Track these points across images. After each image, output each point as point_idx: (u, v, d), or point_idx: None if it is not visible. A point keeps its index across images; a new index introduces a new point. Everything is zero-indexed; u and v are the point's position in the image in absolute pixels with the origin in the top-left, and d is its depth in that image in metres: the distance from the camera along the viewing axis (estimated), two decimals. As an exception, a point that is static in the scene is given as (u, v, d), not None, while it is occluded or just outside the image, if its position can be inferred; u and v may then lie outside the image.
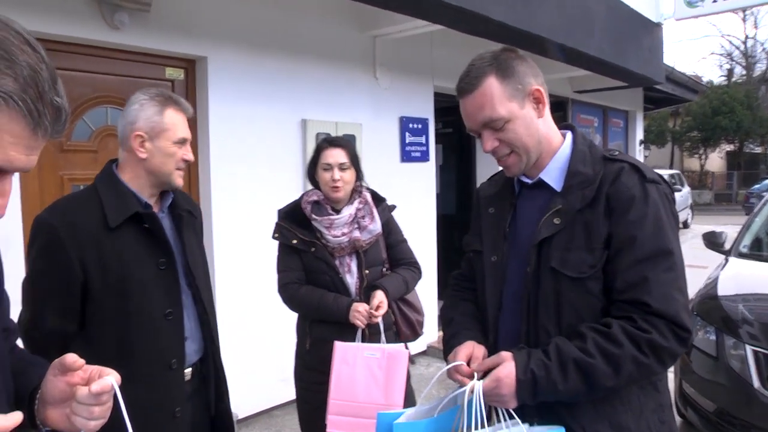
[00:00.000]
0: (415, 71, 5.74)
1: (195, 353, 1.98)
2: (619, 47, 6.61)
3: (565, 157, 1.58)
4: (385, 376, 2.44)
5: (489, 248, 1.67)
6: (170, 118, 1.87)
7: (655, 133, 28.25)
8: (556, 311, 1.49)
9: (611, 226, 1.45)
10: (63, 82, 3.00)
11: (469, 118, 1.56)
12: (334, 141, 2.68)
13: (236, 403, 4.20)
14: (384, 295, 2.55)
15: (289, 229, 2.63)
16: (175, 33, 3.87)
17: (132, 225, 1.82)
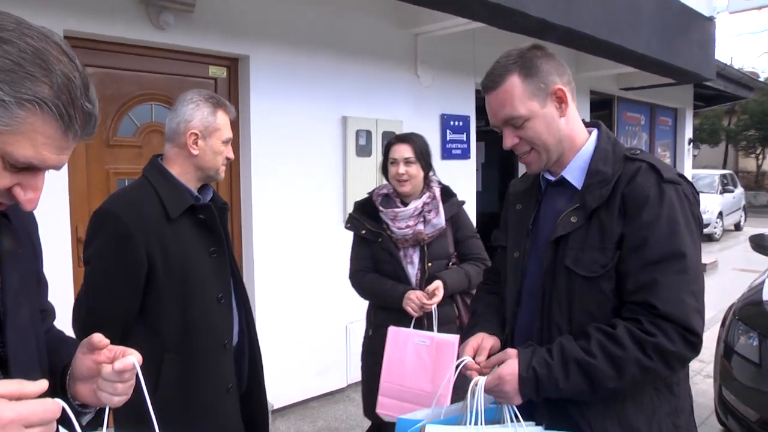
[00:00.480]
0: (457, 68, 5.73)
1: (237, 335, 2.13)
2: (668, 42, 6.45)
3: (587, 155, 1.57)
4: (433, 364, 2.51)
5: (512, 244, 1.70)
6: (221, 119, 2.04)
7: (707, 132, 27.36)
8: (568, 309, 1.50)
9: (624, 226, 1.45)
10: (110, 81, 3.15)
11: (492, 115, 1.58)
12: (401, 137, 2.82)
13: (273, 393, 4.29)
14: (441, 285, 2.63)
15: (359, 220, 2.80)
16: (218, 32, 3.97)
17: (187, 216, 1.97)
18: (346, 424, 4.29)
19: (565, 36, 5.17)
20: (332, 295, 4.68)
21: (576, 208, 1.51)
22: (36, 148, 0.89)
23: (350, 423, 4.31)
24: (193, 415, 1.93)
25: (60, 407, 0.86)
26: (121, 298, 1.90)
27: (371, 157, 4.87)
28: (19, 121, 0.87)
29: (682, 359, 1.41)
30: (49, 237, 2.19)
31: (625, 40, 5.64)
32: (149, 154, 2.18)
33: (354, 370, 4.87)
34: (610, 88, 8.33)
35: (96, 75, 3.66)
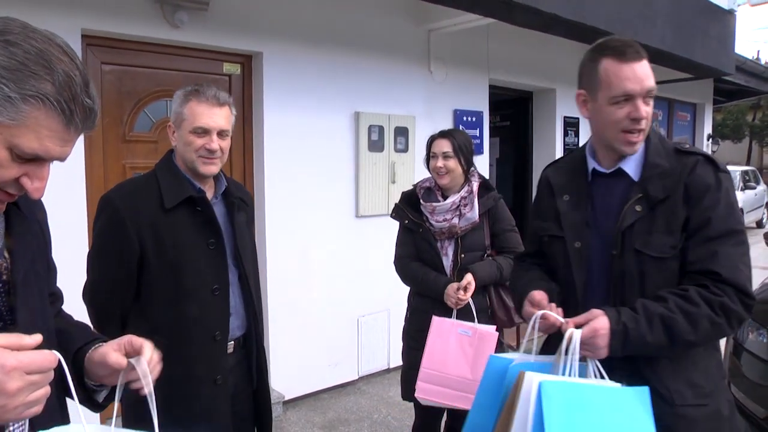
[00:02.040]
0: (471, 64, 5.74)
1: (238, 328, 2.13)
2: (684, 37, 6.40)
3: (641, 148, 1.74)
4: (475, 353, 2.68)
5: (571, 235, 1.80)
6: (190, 109, 2.00)
7: (730, 127, 26.98)
8: (640, 288, 1.66)
9: (689, 210, 1.64)
10: (127, 78, 3.23)
11: (638, 81, 1.65)
12: (443, 132, 2.93)
13: (284, 384, 4.40)
14: (472, 278, 2.74)
15: (403, 210, 2.96)
16: (232, 30, 4.04)
17: (186, 207, 2.00)
18: (357, 416, 4.36)
19: (578, 31, 5.16)
20: (344, 289, 4.75)
21: (639, 198, 1.68)
22: (41, 140, 0.97)
23: (360, 415, 4.38)
24: (175, 403, 1.96)
25: (57, 358, 0.95)
26: (116, 279, 1.99)
27: (383, 152, 4.91)
28: (24, 116, 0.94)
29: (741, 318, 1.60)
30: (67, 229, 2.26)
31: (639, 35, 5.60)
32: (164, 150, 2.24)
33: (365, 362, 4.95)
34: (627, 83, 8.26)
35: (113, 72, 3.76)
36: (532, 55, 6.43)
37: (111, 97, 3.77)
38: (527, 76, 6.53)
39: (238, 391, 2.16)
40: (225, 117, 2.04)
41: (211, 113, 2.00)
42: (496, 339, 2.72)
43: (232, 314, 2.09)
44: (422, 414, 3.01)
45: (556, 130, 7.01)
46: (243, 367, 2.18)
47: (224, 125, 2.03)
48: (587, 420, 1.47)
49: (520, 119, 7.27)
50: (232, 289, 2.09)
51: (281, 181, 4.35)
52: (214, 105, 2.01)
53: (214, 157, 2.01)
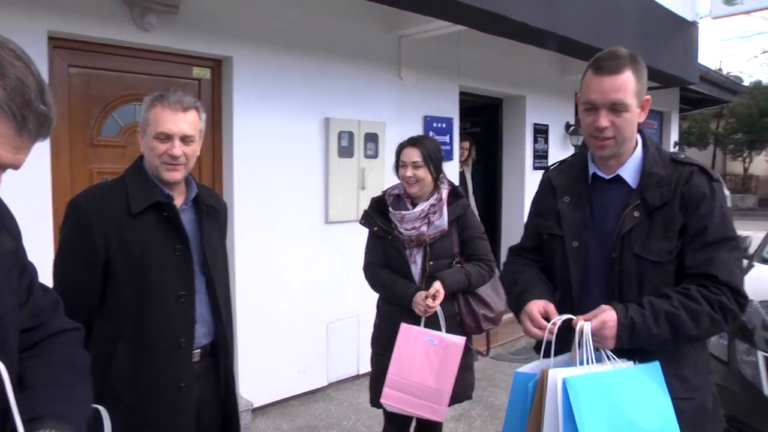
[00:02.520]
0: (441, 71, 5.79)
1: (205, 336, 2.11)
2: (650, 47, 6.53)
3: (639, 157, 1.88)
4: (440, 362, 2.68)
5: (570, 234, 1.91)
6: (154, 114, 1.99)
7: (696, 135, 27.58)
8: (638, 290, 1.78)
9: (686, 218, 1.76)
10: (95, 81, 3.18)
11: (601, 94, 1.77)
12: (413, 140, 2.90)
13: (253, 391, 4.37)
14: (440, 287, 2.74)
15: (372, 217, 2.93)
16: (202, 34, 4.01)
17: (153, 213, 1.99)
18: (326, 423, 4.35)
19: (547, 40, 5.24)
20: (313, 295, 4.74)
21: (637, 204, 1.80)
22: None
23: (329, 421, 4.37)
24: (138, 409, 1.96)
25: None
26: (82, 283, 1.98)
27: (353, 158, 4.92)
28: None
29: (735, 316, 1.73)
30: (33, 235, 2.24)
31: (607, 44, 5.67)
32: (133, 155, 2.22)
33: (335, 369, 4.94)
34: (595, 91, 8.39)
35: (80, 75, 3.71)
36: (502, 62, 6.50)
37: (78, 100, 3.71)
38: (497, 83, 6.61)
39: (204, 401, 2.14)
40: (189, 122, 2.02)
41: (174, 119, 1.98)
42: (462, 349, 2.71)
43: (198, 321, 2.07)
44: (390, 421, 3.01)
45: (526, 137, 7.10)
46: (210, 376, 2.16)
47: (187, 131, 2.00)
48: (612, 404, 1.59)
49: (491, 126, 7.34)
50: (198, 296, 2.07)
51: (251, 187, 4.33)
52: (177, 110, 1.99)
53: (177, 163, 1.99)
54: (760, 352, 3.33)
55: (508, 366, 5.61)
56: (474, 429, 4.25)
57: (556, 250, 1.96)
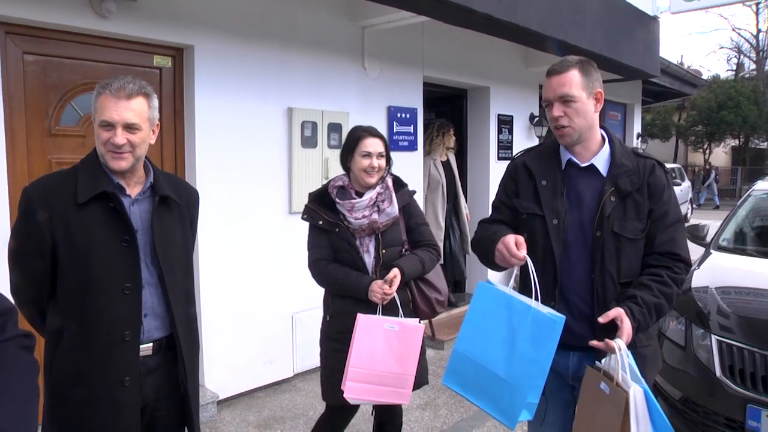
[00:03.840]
0: (405, 61, 5.80)
1: (156, 329, 2.07)
2: (613, 40, 6.64)
3: (608, 150, 2.24)
4: (401, 347, 2.69)
5: (550, 213, 2.21)
6: (99, 102, 1.95)
7: (659, 127, 28.11)
8: (617, 261, 2.15)
9: (651, 203, 2.17)
10: (52, 69, 3.21)
11: (551, 91, 2.17)
12: (372, 131, 2.88)
13: (219, 383, 4.35)
14: (398, 272, 2.74)
15: (316, 211, 2.87)
16: (162, 21, 3.95)
17: (100, 203, 1.96)
18: (292, 413, 4.35)
19: (511, 31, 5.29)
20: (278, 286, 4.72)
21: (612, 190, 2.15)
22: None
23: (296, 412, 4.37)
24: (80, 404, 1.93)
25: None
26: (35, 272, 1.97)
27: (316, 148, 4.91)
28: None
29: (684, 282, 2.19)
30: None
31: (569, 37, 5.79)
32: (92, 144, 2.18)
33: (300, 359, 4.93)
34: (558, 83, 8.49)
35: (37, 63, 3.63)
36: (466, 53, 6.54)
37: (34, 88, 3.63)
38: (462, 74, 6.64)
39: (161, 395, 2.10)
40: (134, 110, 1.96)
41: (116, 106, 1.94)
42: (422, 330, 2.76)
43: (148, 315, 2.03)
44: (334, 411, 2.99)
45: (490, 127, 7.16)
46: (168, 370, 2.11)
47: (131, 119, 1.95)
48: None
49: (455, 116, 7.37)
50: (149, 289, 2.04)
51: (213, 177, 4.29)
52: (120, 98, 1.94)
53: (121, 151, 1.95)
54: (714, 336, 3.43)
55: (473, 354, 5.66)
56: (440, 417, 4.30)
57: (537, 227, 2.24)
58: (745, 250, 4.68)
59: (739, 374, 3.24)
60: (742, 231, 4.94)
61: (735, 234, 4.87)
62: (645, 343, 2.23)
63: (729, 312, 3.55)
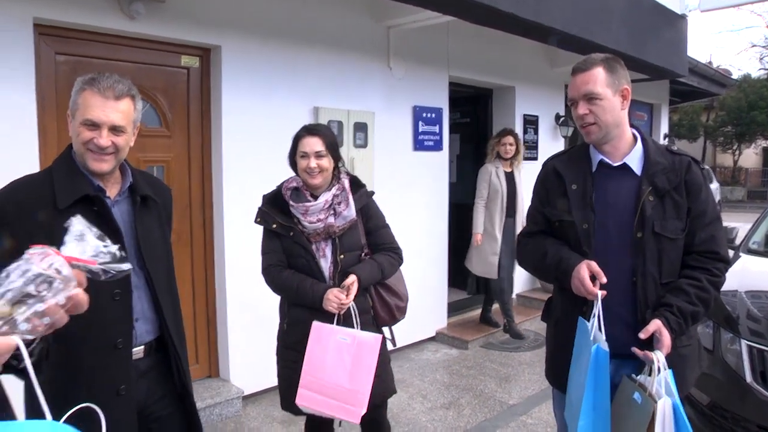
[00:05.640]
0: (430, 61, 5.79)
1: (147, 333, 2.00)
2: (639, 39, 6.55)
3: (641, 148, 2.20)
4: (353, 361, 2.53)
5: (579, 218, 2.18)
6: (83, 98, 1.83)
7: (686, 127, 27.70)
8: (658, 262, 2.12)
9: (690, 202, 2.12)
10: (81, 69, 3.19)
11: (575, 89, 2.16)
12: (311, 129, 2.72)
13: (244, 379, 4.38)
14: (355, 280, 2.61)
15: (270, 214, 2.72)
16: (190, 22, 4.00)
17: (82, 207, 1.80)
18: (315, 410, 4.36)
19: (535, 31, 5.26)
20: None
21: (650, 190, 2.11)
22: None
23: (319, 409, 4.38)
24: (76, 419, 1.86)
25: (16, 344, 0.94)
26: None
27: (342, 147, 4.91)
28: None
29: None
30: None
31: (595, 36, 5.73)
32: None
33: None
34: (584, 82, 8.41)
35: (67, 63, 3.69)
36: (492, 52, 6.51)
37: (65, 87, 3.69)
38: (487, 74, 6.61)
39: (159, 395, 2.05)
40: (121, 111, 1.86)
41: (104, 106, 1.82)
42: (378, 347, 2.57)
43: (139, 319, 1.95)
44: (311, 425, 2.91)
45: (516, 127, 7.11)
46: (161, 371, 2.05)
47: (118, 121, 1.84)
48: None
49: (480, 116, 7.35)
50: (137, 293, 1.94)
51: (240, 176, 4.32)
52: (108, 98, 1.83)
53: (104, 153, 1.84)
54: (743, 340, 3.37)
55: (497, 355, 5.65)
56: (463, 417, 4.28)
57: (569, 233, 2.22)
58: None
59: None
60: (769, 234, 4.85)
61: (766, 237, 4.78)
62: (685, 343, 2.21)
63: (760, 316, 3.48)
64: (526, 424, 4.15)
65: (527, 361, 5.47)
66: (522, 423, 4.17)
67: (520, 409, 4.41)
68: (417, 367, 5.29)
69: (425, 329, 5.95)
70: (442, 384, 4.87)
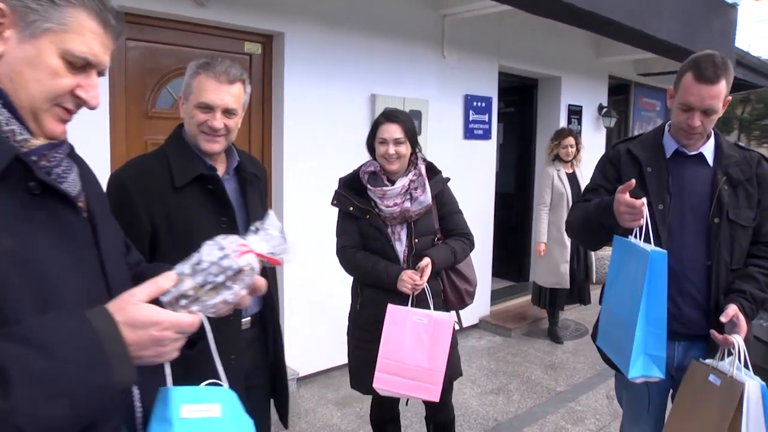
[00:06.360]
0: (482, 50, 5.81)
1: (254, 304, 2.09)
2: (688, 30, 6.50)
3: (713, 141, 2.30)
4: (431, 341, 2.59)
5: (656, 199, 2.24)
6: (198, 82, 1.92)
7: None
8: (730, 248, 2.22)
9: (760, 194, 2.25)
10: (150, 55, 3.56)
11: (699, 100, 2.13)
12: (390, 116, 2.76)
13: (298, 361, 4.49)
14: (429, 263, 2.66)
15: (346, 197, 2.78)
16: (254, 9, 4.07)
17: (197, 185, 1.94)
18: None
19: (592, 22, 5.24)
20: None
21: (725, 180, 2.22)
22: (87, 43, 1.02)
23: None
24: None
25: (200, 321, 1.03)
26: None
27: (398, 135, 4.98)
28: (70, 20, 1.00)
29: None
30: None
31: (648, 27, 5.70)
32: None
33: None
34: (628, 73, 8.37)
35: (137, 49, 3.80)
36: (540, 43, 6.51)
37: (134, 73, 3.81)
38: (534, 64, 6.62)
39: (256, 365, 2.15)
40: (234, 95, 1.95)
41: (218, 90, 1.92)
42: (453, 325, 2.65)
43: None
44: (379, 406, 3.01)
45: (560, 118, 7.11)
46: (261, 341, 2.15)
47: (231, 104, 1.94)
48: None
49: (525, 106, 7.35)
50: None
51: (299, 161, 4.41)
52: (222, 82, 1.92)
53: (217, 135, 1.94)
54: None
55: (541, 343, 5.71)
56: (513, 402, 4.36)
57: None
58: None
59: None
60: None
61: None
62: None
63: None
64: (575, 411, 4.21)
65: (570, 350, 5.53)
66: (570, 409, 4.24)
67: (568, 396, 4.48)
68: (464, 353, 5.31)
69: (470, 316, 6.01)
70: (489, 370, 4.94)
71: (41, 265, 0.96)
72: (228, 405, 1.11)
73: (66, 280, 1.00)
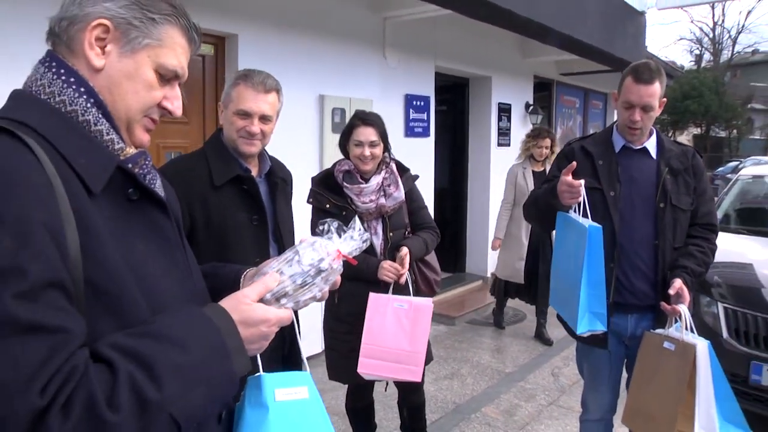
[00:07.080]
0: (420, 52, 6.07)
1: None
2: (607, 34, 7.01)
3: (655, 138, 2.66)
4: (411, 325, 2.75)
5: (607, 187, 2.58)
6: (237, 92, 2.12)
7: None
8: (674, 229, 2.55)
9: (696, 182, 2.60)
10: None
11: (638, 97, 2.47)
12: (365, 119, 2.89)
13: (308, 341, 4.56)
14: (407, 252, 2.82)
15: (323, 195, 2.88)
16: (208, 11, 4.12)
17: (233, 185, 2.12)
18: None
19: (523, 25, 5.59)
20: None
21: (667, 170, 2.56)
22: (178, 57, 1.10)
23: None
24: None
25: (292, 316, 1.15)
26: None
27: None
28: (165, 36, 1.07)
29: None
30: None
31: (574, 31, 6.13)
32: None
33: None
34: (550, 73, 8.87)
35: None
36: (470, 44, 6.83)
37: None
38: (467, 64, 6.94)
39: (272, 358, 2.20)
40: (269, 103, 2.15)
41: (256, 98, 2.11)
42: (431, 309, 2.80)
43: None
44: (355, 391, 3.17)
45: (491, 115, 7.48)
46: (277, 335, 2.28)
47: (267, 111, 2.14)
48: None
49: (457, 104, 7.67)
50: None
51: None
52: (260, 91, 2.12)
53: (254, 138, 2.13)
54: (719, 303, 3.85)
55: (483, 330, 6.03)
56: (467, 385, 4.62)
57: (596, 199, 2.55)
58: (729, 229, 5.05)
59: (744, 336, 3.72)
60: (726, 214, 5.37)
61: (724, 216, 5.28)
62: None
63: (721, 282, 4.01)
64: (525, 389, 4.53)
65: (511, 334, 5.88)
66: (521, 388, 4.55)
67: (517, 376, 4.79)
68: (412, 341, 5.59)
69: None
70: (439, 357, 5.18)
71: (146, 268, 1.04)
72: (311, 387, 1.23)
73: (164, 280, 1.08)
